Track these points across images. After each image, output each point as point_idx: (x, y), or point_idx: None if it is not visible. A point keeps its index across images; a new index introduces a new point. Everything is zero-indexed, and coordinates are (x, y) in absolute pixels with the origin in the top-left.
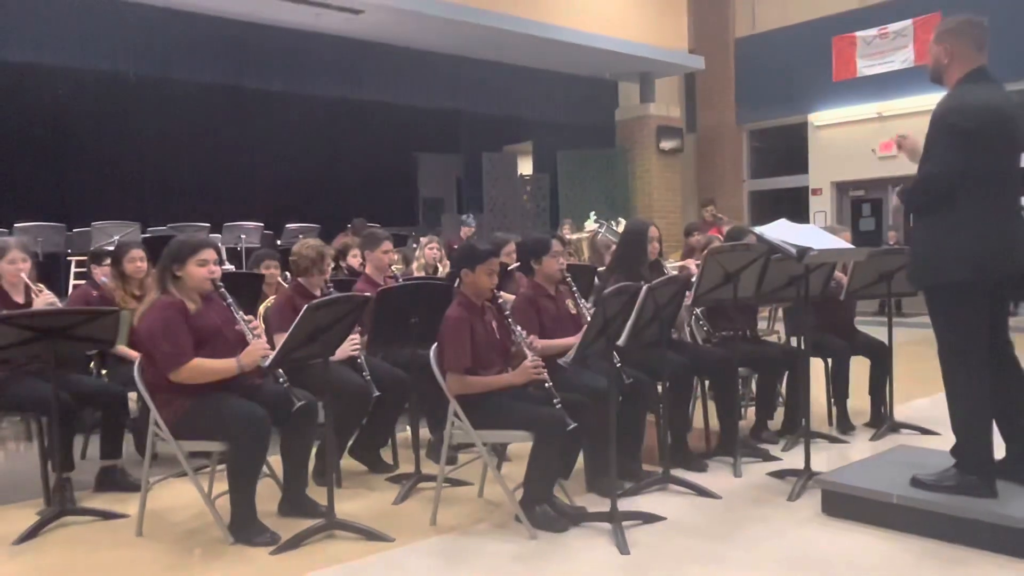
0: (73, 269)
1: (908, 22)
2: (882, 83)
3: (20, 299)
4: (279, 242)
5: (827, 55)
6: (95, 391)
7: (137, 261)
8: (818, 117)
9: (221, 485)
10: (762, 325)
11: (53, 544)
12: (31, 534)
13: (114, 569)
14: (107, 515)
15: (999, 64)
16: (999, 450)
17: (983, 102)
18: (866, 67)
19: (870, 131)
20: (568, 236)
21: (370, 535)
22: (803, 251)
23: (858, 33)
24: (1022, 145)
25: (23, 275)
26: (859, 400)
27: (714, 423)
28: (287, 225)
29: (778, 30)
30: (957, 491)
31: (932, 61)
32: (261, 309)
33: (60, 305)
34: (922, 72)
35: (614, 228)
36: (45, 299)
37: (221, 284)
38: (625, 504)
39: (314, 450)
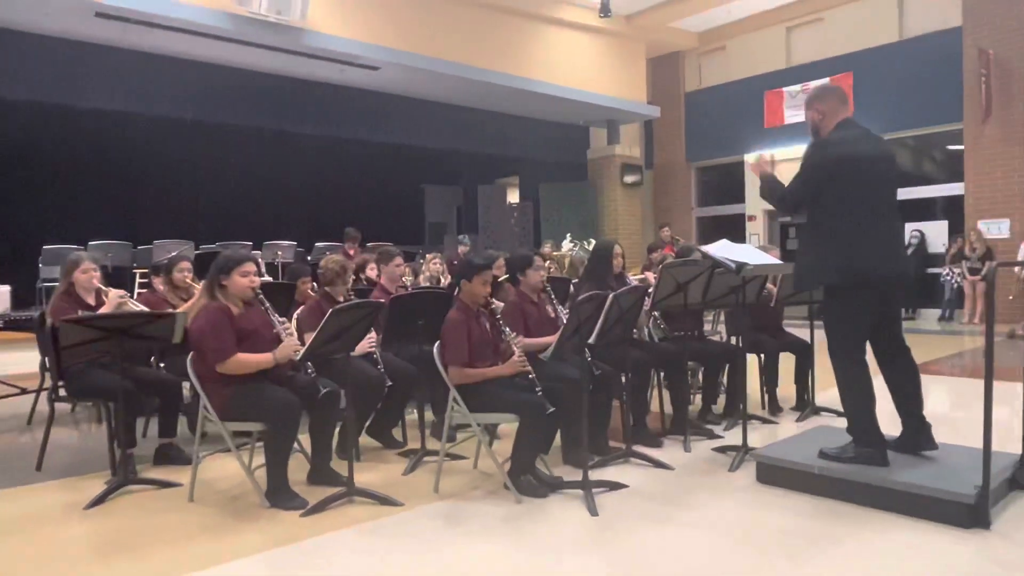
0: (138, 280)
1: (826, 80)
2: (804, 130)
3: (92, 301)
4: (309, 258)
5: (760, 106)
6: (155, 380)
7: (185, 272)
8: (752, 157)
9: (259, 459)
10: (707, 327)
11: (118, 509)
12: (99, 500)
13: (169, 529)
14: (163, 484)
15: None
16: (896, 427)
17: (839, 143)
18: (791, 116)
19: (794, 169)
20: (550, 253)
21: (383, 500)
22: (741, 266)
23: (785, 88)
24: (883, 174)
25: (95, 281)
26: (786, 388)
27: (668, 407)
28: (316, 244)
29: (720, 85)
30: (856, 461)
31: (810, 123)
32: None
33: (129, 297)
34: None
35: (586, 247)
36: (116, 293)
37: (260, 292)
38: (595, 474)
39: (337, 430)
